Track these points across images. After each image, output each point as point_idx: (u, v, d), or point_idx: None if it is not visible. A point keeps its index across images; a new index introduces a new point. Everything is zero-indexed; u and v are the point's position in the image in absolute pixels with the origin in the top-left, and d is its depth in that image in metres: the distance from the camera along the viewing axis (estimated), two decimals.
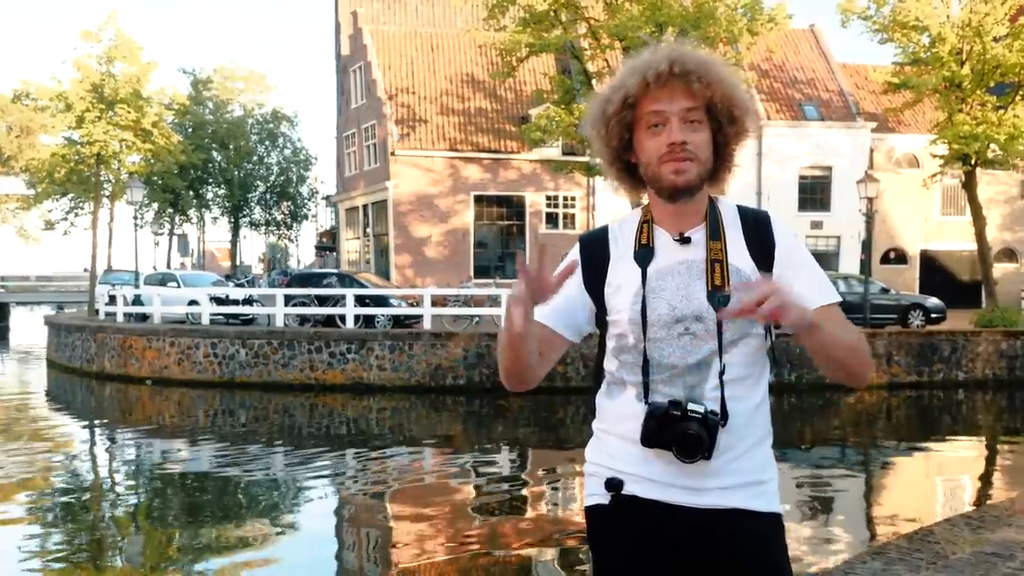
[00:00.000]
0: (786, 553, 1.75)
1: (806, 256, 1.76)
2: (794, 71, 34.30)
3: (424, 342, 18.05)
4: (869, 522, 9.54)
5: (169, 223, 46.96)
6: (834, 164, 32.08)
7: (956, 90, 22.51)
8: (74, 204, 33.68)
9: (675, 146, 1.66)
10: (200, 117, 45.59)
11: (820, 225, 32.37)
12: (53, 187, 30.43)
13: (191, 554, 8.32)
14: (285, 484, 11.28)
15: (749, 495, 1.71)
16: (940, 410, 17.96)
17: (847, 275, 23.89)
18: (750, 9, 21.42)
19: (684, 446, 1.63)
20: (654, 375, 1.70)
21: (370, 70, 32.77)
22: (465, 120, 32.05)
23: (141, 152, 28.40)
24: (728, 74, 1.68)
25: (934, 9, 22.18)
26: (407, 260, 31.03)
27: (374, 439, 14.57)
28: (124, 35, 27.58)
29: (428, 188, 31.00)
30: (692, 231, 1.74)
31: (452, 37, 34.02)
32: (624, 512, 1.73)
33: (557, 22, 22.35)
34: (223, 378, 18.72)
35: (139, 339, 19.95)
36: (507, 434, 15.22)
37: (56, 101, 27.41)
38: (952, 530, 4.57)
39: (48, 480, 11.40)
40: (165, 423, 16.32)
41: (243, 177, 48.35)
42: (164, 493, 10.91)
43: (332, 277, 22.76)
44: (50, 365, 24.03)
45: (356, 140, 34.49)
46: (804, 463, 12.48)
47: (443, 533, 8.75)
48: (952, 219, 33.08)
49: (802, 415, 16.56)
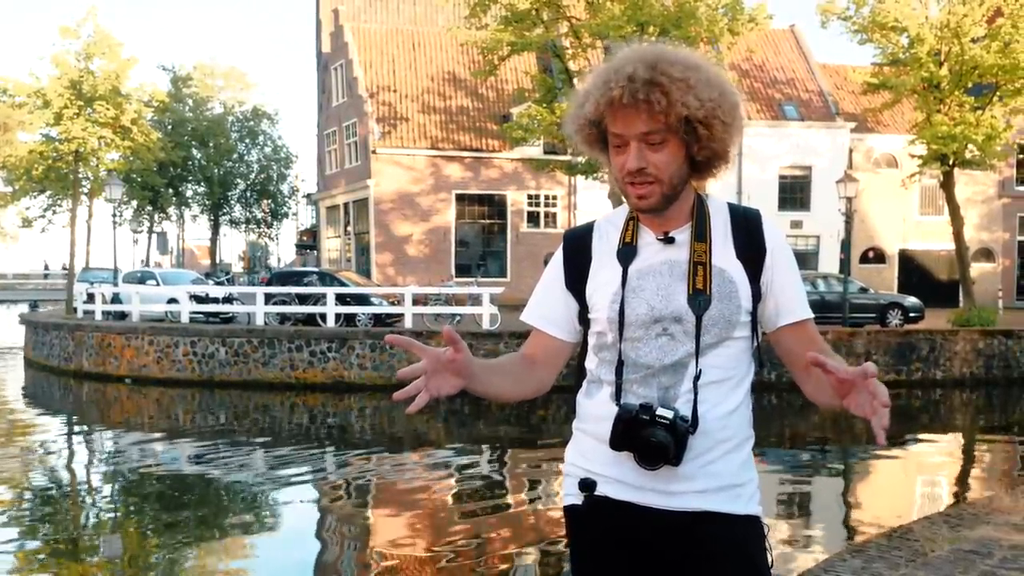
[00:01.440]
0: (765, 555, 1.73)
1: (791, 266, 1.76)
2: (774, 71, 34.50)
3: None
4: (849, 521, 9.60)
5: (148, 221, 46.65)
6: (814, 164, 32.30)
7: (934, 91, 22.69)
8: (52, 201, 33.29)
9: (632, 173, 1.65)
10: (180, 114, 45.27)
11: (800, 224, 32.58)
12: (31, 184, 30.06)
13: (170, 554, 8.25)
14: (265, 483, 11.20)
15: (726, 498, 1.70)
16: (918, 409, 18.11)
17: (826, 274, 24.05)
18: (731, 9, 21.51)
19: (646, 454, 1.62)
20: (628, 375, 1.69)
21: (351, 68, 32.65)
22: (447, 118, 31.99)
23: (120, 149, 28.11)
24: (690, 87, 1.59)
25: (913, 10, 22.35)
26: (388, 259, 30.95)
27: (355, 438, 14.51)
28: (103, 31, 27.29)
29: (409, 186, 30.93)
30: (677, 231, 1.72)
31: (434, 35, 33.96)
32: (598, 513, 1.73)
33: (539, 21, 22.35)
34: (202, 377, 18.58)
35: (118, 337, 19.76)
36: (488, 433, 15.20)
37: (34, 98, 27.08)
38: (931, 528, 4.60)
39: (25, 480, 11.26)
40: (144, 422, 16.18)
41: (223, 175, 48.06)
42: (142, 493, 10.81)
43: (313, 275, 22.64)
44: (28, 364, 23.76)
45: (337, 138, 34.35)
46: (783, 462, 12.54)
47: (424, 532, 8.72)
48: (930, 219, 33.39)
49: (781, 414, 16.64)
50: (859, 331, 19.50)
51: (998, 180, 33.12)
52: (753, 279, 1.70)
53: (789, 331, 1.73)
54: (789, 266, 1.74)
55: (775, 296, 1.72)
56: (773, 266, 1.72)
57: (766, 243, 1.72)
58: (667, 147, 1.63)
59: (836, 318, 20.23)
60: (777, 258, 1.72)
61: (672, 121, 1.60)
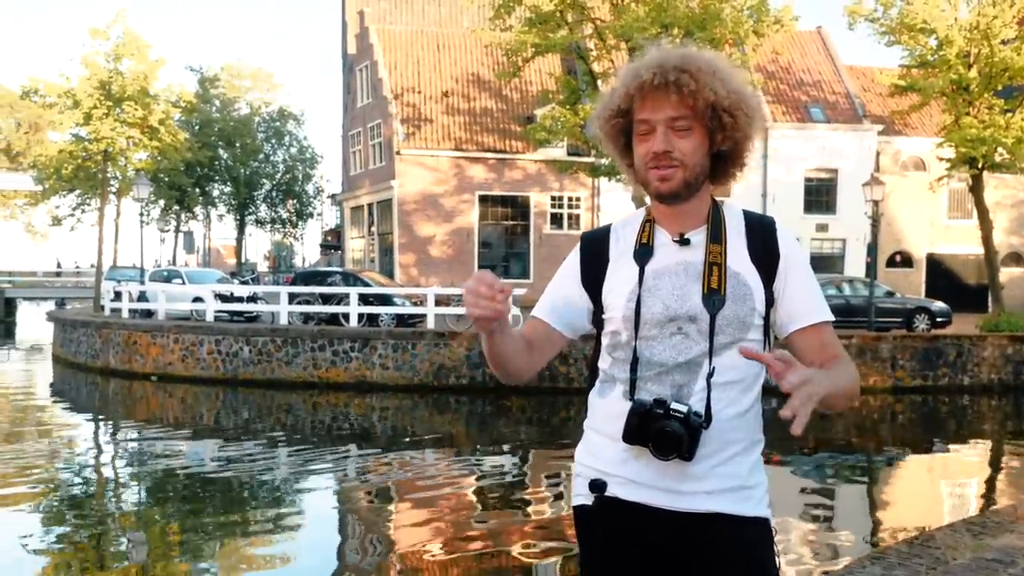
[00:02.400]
0: (774, 558, 1.74)
1: (808, 270, 1.77)
2: (801, 73, 34.24)
3: (427, 341, 18.04)
4: (871, 527, 9.50)
5: (175, 220, 47.05)
6: (840, 166, 32.02)
7: (963, 93, 22.43)
8: (81, 200, 33.78)
9: (658, 155, 1.69)
10: (207, 115, 45.66)
11: (826, 228, 32.31)
12: (60, 183, 30.52)
13: (193, 551, 8.33)
14: (287, 482, 11.28)
15: (735, 500, 1.71)
16: (945, 415, 17.89)
17: (852, 278, 23.83)
18: (756, 11, 21.37)
19: (660, 443, 1.64)
20: (642, 372, 1.72)
21: (376, 69, 32.80)
22: (470, 120, 32.05)
23: (148, 149, 28.45)
24: (718, 78, 1.67)
25: (941, 12, 22.10)
26: (411, 259, 31.05)
27: (377, 438, 14.57)
28: (132, 33, 27.63)
29: (433, 187, 31.01)
30: (692, 233, 1.75)
31: (458, 37, 34.03)
32: (608, 513, 1.75)
33: (563, 22, 22.34)
34: (226, 375, 18.74)
35: (143, 335, 19.98)
36: (510, 434, 15.21)
37: (64, 98, 27.47)
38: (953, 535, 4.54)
39: (51, 475, 11.41)
40: (168, 420, 16.35)
41: (249, 175, 48.41)
42: (167, 490, 10.92)
43: (336, 275, 22.77)
44: (56, 360, 24.08)
45: (362, 139, 34.52)
46: (807, 468, 12.43)
47: (446, 533, 8.74)
48: (959, 223, 32.99)
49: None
50: (885, 336, 19.30)
51: None
52: (767, 283, 1.73)
53: (799, 335, 1.74)
54: (802, 272, 1.75)
55: (786, 301, 1.73)
56: (786, 271, 1.73)
57: (780, 249, 1.75)
58: (693, 135, 1.69)
59: (862, 322, 20.04)
60: (790, 263, 1.74)
61: (700, 106, 1.66)
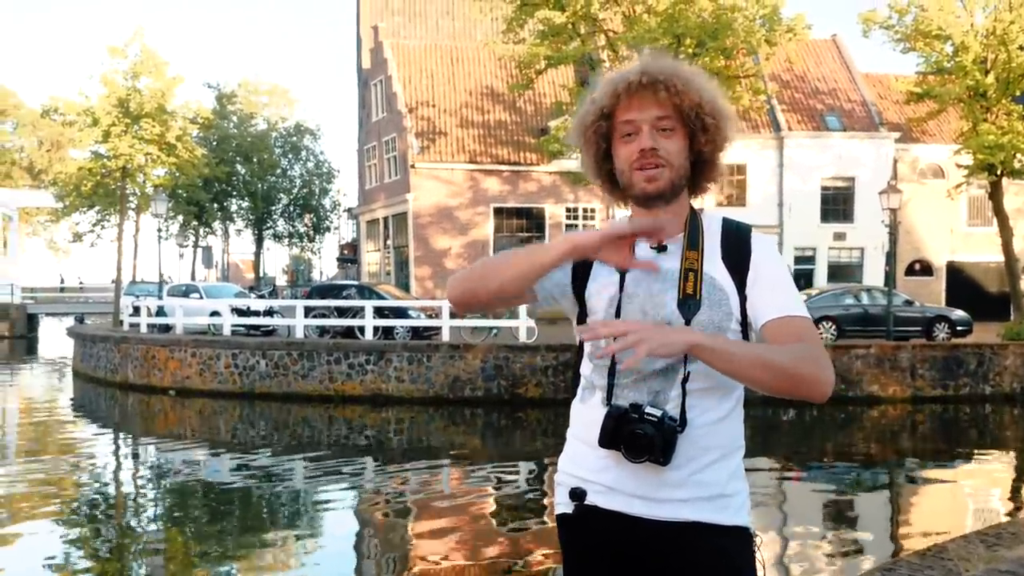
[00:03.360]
0: (752, 567, 1.73)
1: (778, 271, 1.75)
2: (816, 81, 34.13)
3: (442, 354, 18.06)
4: (887, 537, 9.40)
5: (194, 235, 47.46)
6: (857, 175, 31.85)
7: (981, 99, 22.29)
8: (101, 217, 34.21)
9: (645, 152, 1.70)
10: (224, 131, 46.11)
11: (843, 236, 32.13)
12: (80, 200, 30.92)
13: (211, 564, 8.36)
14: (304, 495, 11.31)
15: (713, 508, 1.71)
16: (966, 425, 17.69)
17: (870, 287, 23.64)
18: (768, 20, 21.37)
19: (632, 446, 1.64)
20: (620, 378, 1.72)
21: (391, 83, 32.99)
22: (485, 132, 32.16)
23: (166, 165, 28.77)
24: (701, 83, 1.71)
25: (957, 18, 22.00)
26: (427, 272, 31.13)
27: (392, 451, 14.58)
28: (149, 51, 27.98)
29: (448, 200, 31.11)
30: (670, 240, 1.76)
31: (472, 50, 34.20)
32: (588, 522, 1.76)
33: (575, 35, 22.41)
34: (243, 389, 18.83)
35: (162, 350, 20.12)
36: (525, 446, 15.18)
37: (83, 116, 27.83)
38: (966, 547, 4.49)
39: (72, 489, 11.50)
40: (186, 433, 16.44)
41: (266, 190, 48.79)
42: (185, 503, 10.97)
43: (351, 289, 22.86)
44: (76, 375, 24.29)
45: (377, 153, 34.70)
46: (826, 479, 12.33)
47: (462, 545, 8.73)
48: (979, 230, 32.72)
49: (823, 429, 16.38)
50: (904, 345, 19.12)
51: None
52: (740, 288, 1.73)
53: (769, 326, 1.70)
54: (775, 272, 1.74)
55: (757, 298, 1.72)
56: (756, 274, 1.73)
57: (752, 253, 1.75)
58: (676, 136, 1.72)
59: (880, 331, 19.88)
60: (760, 266, 1.74)
61: (685, 106, 1.69)
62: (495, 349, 17.99)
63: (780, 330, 1.66)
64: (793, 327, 1.67)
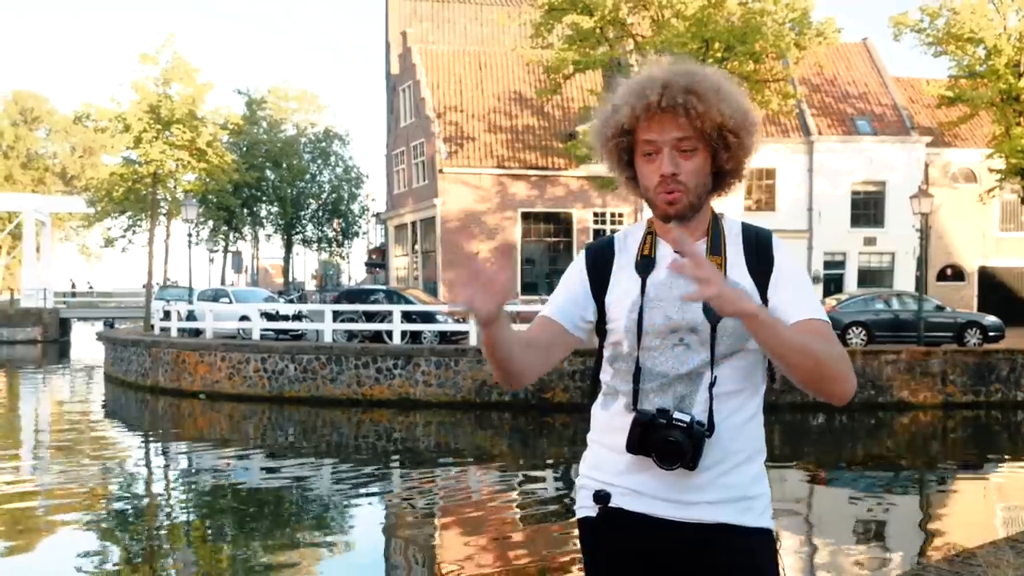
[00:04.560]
0: (776, 569, 1.75)
1: (799, 276, 1.77)
2: (846, 85, 33.83)
3: (470, 358, 18.12)
4: (916, 544, 9.30)
5: (224, 240, 47.92)
6: (888, 179, 31.51)
7: (1014, 103, 22.03)
8: (132, 222, 34.64)
9: (665, 179, 1.72)
10: (254, 136, 46.53)
11: (873, 241, 31.79)
12: (112, 205, 31.34)
13: (242, 567, 8.46)
14: (333, 499, 11.40)
15: (737, 510, 1.72)
16: (997, 431, 17.45)
17: (901, 292, 23.41)
18: (798, 23, 21.23)
19: (663, 453, 1.65)
20: (645, 383, 1.73)
21: (419, 89, 33.15)
22: (512, 137, 32.22)
23: (196, 171, 29.09)
24: (723, 97, 1.69)
25: (990, 21, 21.76)
26: (455, 276, 31.20)
27: (420, 455, 14.64)
28: (180, 57, 28.33)
29: (476, 205, 31.19)
30: None
31: (500, 55, 34.29)
32: (612, 525, 1.77)
33: (603, 39, 22.41)
34: (272, 393, 19.01)
35: (192, 354, 20.37)
36: (553, 451, 15.19)
37: (115, 122, 28.22)
38: (996, 553, 4.44)
39: (104, 492, 11.67)
40: (216, 437, 16.62)
41: (296, 195, 49.16)
42: (215, 506, 11.10)
43: (380, 293, 23.00)
44: (107, 379, 24.63)
45: (405, 158, 34.88)
46: (855, 484, 12.22)
47: (490, 549, 8.76)
48: (1012, 235, 32.27)
49: (853, 435, 16.23)
50: (935, 350, 18.90)
51: None
52: (762, 293, 1.74)
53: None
54: (794, 279, 1.75)
55: (778, 303, 1.73)
56: (778, 280, 1.74)
57: (774, 259, 1.77)
58: (697, 155, 1.72)
59: (911, 337, 19.66)
60: (783, 272, 1.75)
61: (706, 128, 1.69)
62: None
63: (806, 331, 1.66)
64: (818, 330, 1.67)
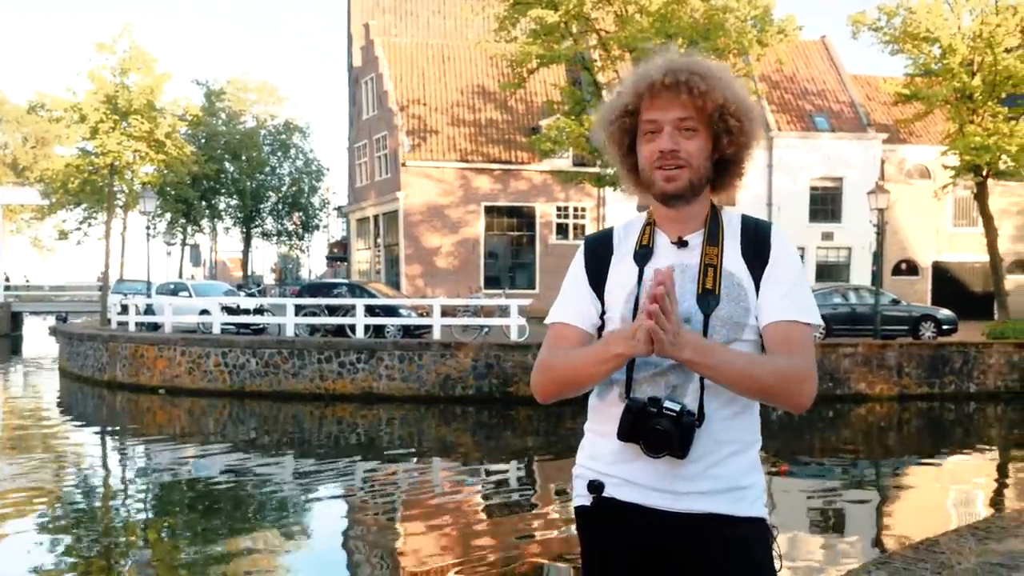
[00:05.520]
0: (771, 557, 1.76)
1: (791, 272, 1.77)
2: (805, 82, 34.30)
3: (433, 352, 18.08)
4: (877, 533, 9.50)
5: (181, 233, 47.22)
6: (845, 175, 32.04)
7: (967, 101, 22.48)
8: (87, 214, 33.96)
9: (664, 154, 1.72)
10: (213, 128, 45.88)
11: (831, 236, 32.30)
12: (67, 197, 30.70)
13: (201, 563, 8.35)
14: (295, 494, 11.31)
15: (729, 500, 1.73)
16: (951, 422, 17.86)
17: (857, 286, 23.81)
18: (760, 21, 21.47)
19: (651, 440, 1.66)
20: (638, 372, 1.74)
21: (382, 81, 32.95)
22: (476, 131, 32.17)
23: (154, 163, 28.63)
24: (725, 84, 1.71)
25: (945, 20, 22.18)
26: (417, 270, 31.12)
27: (383, 449, 14.59)
28: (138, 47, 27.84)
29: (439, 199, 31.11)
30: (691, 235, 1.79)
31: (463, 49, 34.20)
32: (605, 514, 1.78)
33: (567, 34, 22.45)
34: (233, 387, 18.79)
35: (151, 348, 20.05)
36: (516, 444, 15.22)
37: (71, 112, 27.66)
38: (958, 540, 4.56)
39: (59, 489, 11.45)
40: (176, 432, 16.40)
41: (255, 188, 48.59)
42: (173, 502, 10.96)
43: (342, 287, 22.84)
44: (63, 374, 24.16)
45: (367, 151, 34.66)
46: (813, 474, 12.43)
47: (452, 543, 8.76)
48: (964, 230, 32.97)
49: (812, 427, 16.50)
50: (891, 344, 19.28)
51: None
52: (758, 284, 1.75)
53: (765, 332, 1.74)
54: (787, 272, 1.76)
55: (765, 296, 1.75)
56: (769, 276, 1.76)
57: (771, 250, 1.78)
58: (698, 136, 1.73)
59: (867, 330, 20.02)
60: (778, 264, 1.76)
61: (708, 108, 1.70)
62: (486, 347, 18.02)
63: (776, 336, 1.71)
64: (789, 336, 1.70)
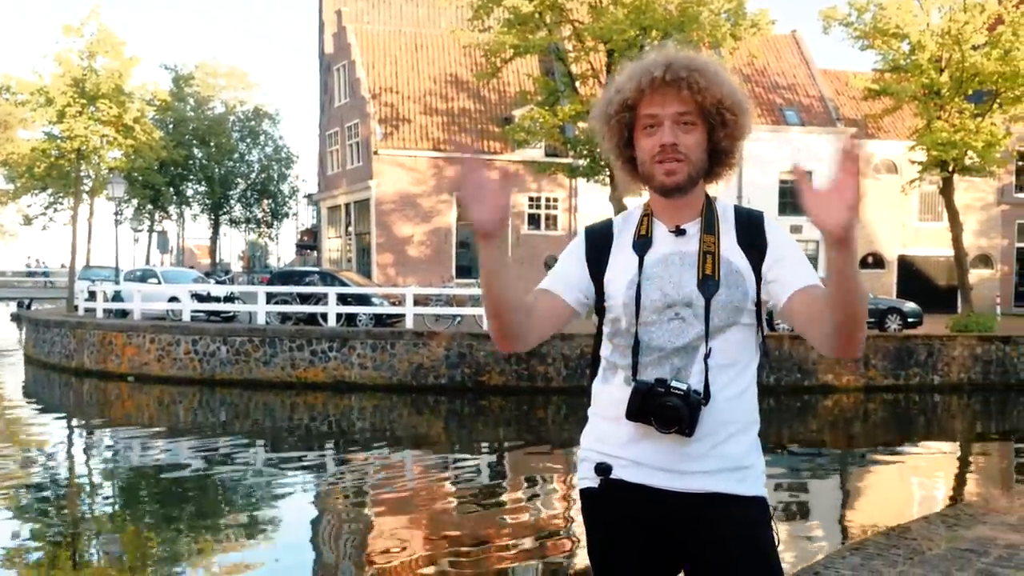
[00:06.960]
0: (772, 535, 1.82)
1: (796, 250, 1.85)
2: (775, 76, 34.58)
3: (406, 341, 18.06)
4: (847, 521, 9.67)
5: (149, 219, 46.62)
6: (814, 169, 32.30)
7: (935, 97, 22.78)
8: (53, 199, 33.34)
9: (666, 148, 1.79)
10: (181, 113, 45.30)
11: (799, 229, 32.49)
12: (32, 182, 30.09)
13: (169, 553, 8.30)
14: (264, 483, 11.26)
15: (733, 479, 1.80)
16: (916, 413, 18.19)
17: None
18: (733, 14, 21.58)
19: (662, 417, 1.73)
20: (643, 356, 1.81)
21: (354, 69, 32.71)
22: (448, 120, 32.06)
23: (122, 148, 28.15)
24: (722, 79, 1.79)
25: (914, 17, 22.44)
26: (389, 259, 31.00)
27: (355, 438, 14.57)
28: (106, 30, 27.33)
29: (411, 187, 30.99)
30: (688, 224, 1.85)
31: (437, 37, 34.02)
32: (613, 495, 1.84)
33: (542, 24, 22.41)
34: (204, 375, 18.64)
35: (119, 335, 19.82)
36: (488, 434, 15.27)
37: (36, 95, 27.09)
38: (928, 527, 4.67)
39: (25, 477, 11.31)
40: (144, 420, 16.24)
41: (224, 174, 48.10)
42: (142, 491, 10.86)
43: (314, 275, 22.71)
44: (28, 361, 23.82)
45: (339, 139, 34.42)
46: (782, 464, 12.60)
47: (422, 533, 8.77)
48: (929, 225, 33.46)
49: (780, 417, 16.72)
50: None
51: (997, 187, 33.18)
52: (756, 269, 1.82)
53: (800, 296, 1.77)
54: (791, 252, 1.83)
55: (777, 275, 1.80)
56: (779, 253, 1.82)
57: (768, 237, 1.85)
58: (696, 131, 1.80)
59: None
60: (782, 247, 1.84)
61: (707, 103, 1.77)
62: (459, 337, 18.03)
63: (814, 293, 1.74)
64: (817, 292, 1.76)
